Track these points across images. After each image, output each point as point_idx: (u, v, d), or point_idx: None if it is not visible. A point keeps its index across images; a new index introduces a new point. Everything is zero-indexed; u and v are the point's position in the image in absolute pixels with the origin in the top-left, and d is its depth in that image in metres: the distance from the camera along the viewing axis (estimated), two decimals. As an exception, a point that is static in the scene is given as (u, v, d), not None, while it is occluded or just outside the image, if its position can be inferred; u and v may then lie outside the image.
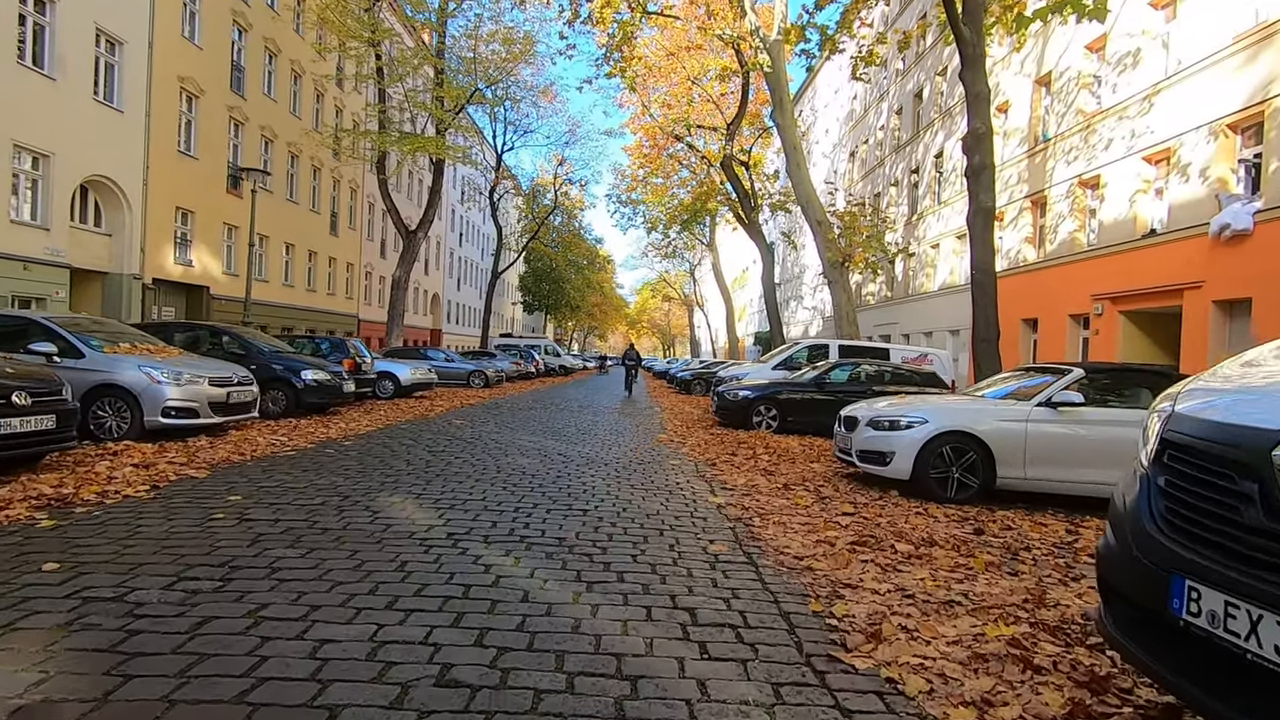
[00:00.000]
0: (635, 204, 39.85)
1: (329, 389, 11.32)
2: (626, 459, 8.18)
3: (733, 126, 26.96)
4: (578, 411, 14.82)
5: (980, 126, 12.71)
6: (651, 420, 13.62)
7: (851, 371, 12.60)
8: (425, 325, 42.89)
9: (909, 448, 6.57)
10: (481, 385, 22.56)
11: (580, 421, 12.59)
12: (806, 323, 42.90)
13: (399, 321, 25.07)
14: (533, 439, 9.61)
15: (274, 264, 25.85)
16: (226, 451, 7.22)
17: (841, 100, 39.43)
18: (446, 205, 45.67)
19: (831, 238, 20.09)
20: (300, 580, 3.40)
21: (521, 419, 12.62)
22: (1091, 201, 18.28)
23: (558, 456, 8.05)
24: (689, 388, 25.10)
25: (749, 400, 12.05)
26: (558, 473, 6.95)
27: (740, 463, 8.20)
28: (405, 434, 9.60)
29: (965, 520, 5.71)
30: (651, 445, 9.67)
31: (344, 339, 14.05)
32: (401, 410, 13.21)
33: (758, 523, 5.18)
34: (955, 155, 25.44)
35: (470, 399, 17.41)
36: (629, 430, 11.56)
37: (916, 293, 28.19)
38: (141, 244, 19.49)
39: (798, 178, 20.30)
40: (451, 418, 12.25)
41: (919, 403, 7.20)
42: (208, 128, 21.85)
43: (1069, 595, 3.85)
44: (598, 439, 10.02)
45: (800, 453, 9.51)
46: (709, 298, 64.25)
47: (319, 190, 29.15)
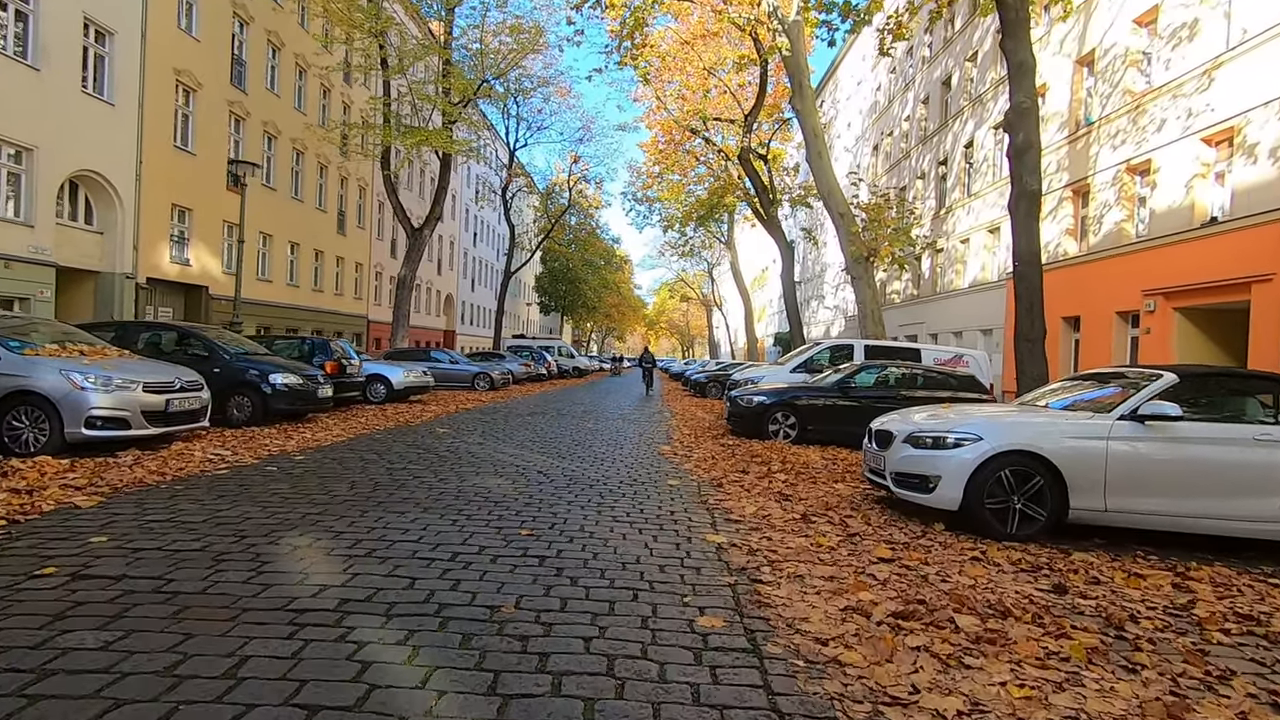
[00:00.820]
0: (651, 202, 38.70)
1: (301, 394, 10.25)
2: (618, 478, 6.96)
3: (750, 118, 25.67)
4: (580, 418, 13.64)
5: (1024, 100, 11.31)
6: (658, 428, 12.39)
7: (879, 374, 11.26)
8: (438, 326, 42.05)
9: (959, 471, 5.27)
10: (486, 388, 21.49)
11: (579, 430, 11.40)
12: (828, 323, 41.36)
13: (404, 322, 24.12)
14: (516, 452, 8.44)
15: (278, 263, 25.03)
16: (145, 471, 6.13)
17: (864, 92, 37.87)
18: (460, 204, 44.86)
19: (855, 230, 18.74)
20: (64, 698, 2.24)
21: (514, 427, 11.46)
22: (1141, 189, 16.71)
23: (537, 476, 6.85)
24: (704, 390, 23.82)
25: (764, 407, 10.77)
26: (529, 498, 5.76)
27: (751, 483, 6.93)
28: (373, 446, 8.47)
29: (1037, 570, 4.40)
30: (652, 459, 8.44)
31: (328, 340, 13.01)
32: (386, 417, 12.13)
33: (767, 575, 3.93)
34: (987, 145, 23.91)
35: (469, 403, 16.32)
36: (630, 440, 10.35)
37: (945, 290, 26.62)
38: (135, 242, 18.68)
39: (819, 167, 18.96)
40: (437, 425, 11.13)
41: (968, 415, 5.88)
42: (206, 123, 21.05)
43: (1225, 714, 2.56)
44: (592, 452, 8.81)
45: (822, 469, 8.22)
46: (728, 298, 62.81)
47: (325, 188, 28.33)
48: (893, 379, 11.14)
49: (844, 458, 9.34)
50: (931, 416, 6.03)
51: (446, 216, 42.68)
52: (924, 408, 7.01)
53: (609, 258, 58.85)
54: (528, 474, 6.90)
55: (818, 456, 9.27)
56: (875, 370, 11.29)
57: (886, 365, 11.47)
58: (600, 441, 9.91)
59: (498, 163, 38.63)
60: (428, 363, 21.41)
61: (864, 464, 6.55)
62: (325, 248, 28.33)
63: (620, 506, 5.61)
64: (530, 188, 39.62)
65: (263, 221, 23.96)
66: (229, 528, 4.42)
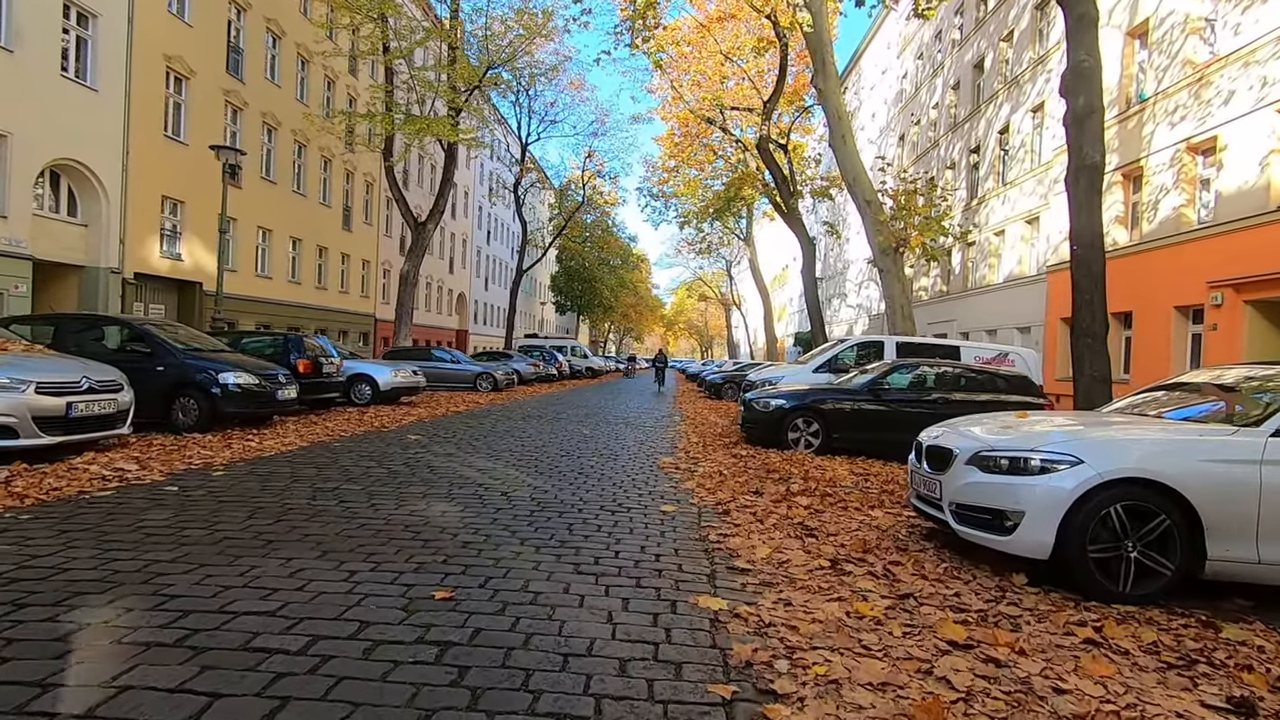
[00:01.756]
0: (667, 198, 37.30)
1: (257, 396, 9.01)
2: (599, 503, 5.58)
3: (770, 105, 24.13)
4: (578, 422, 12.28)
5: (1085, 59, 9.74)
6: (663, 434, 10.98)
7: (915, 374, 9.76)
8: (451, 326, 41.00)
9: (1050, 507, 3.81)
10: (489, 389, 20.24)
11: (572, 437, 10.03)
12: (850, 321, 39.60)
13: (407, 319, 23.00)
14: (487, 466, 7.09)
15: (278, 259, 24.01)
16: (5, 493, 4.87)
17: (889, 81, 36.11)
18: (473, 201, 43.81)
19: (883, 219, 17.17)
20: None
21: (500, 433, 10.13)
22: (1204, 169, 14.97)
23: (497, 500, 5.49)
24: (719, 392, 22.36)
25: (783, 412, 9.32)
26: (473, 535, 4.39)
27: (766, 509, 5.51)
28: (317, 458, 7.17)
29: (1189, 663, 2.94)
30: (648, 475, 7.04)
31: (302, 336, 11.80)
32: (360, 421, 10.85)
33: (783, 682, 2.53)
34: (1024, 129, 22.16)
35: (464, 405, 15.05)
36: (628, 450, 8.96)
37: (977, 286, 24.86)
38: (121, 235, 17.71)
39: (843, 152, 17.42)
40: (413, 431, 9.84)
41: (1056, 428, 4.41)
42: (200, 112, 20.05)
43: None
44: (578, 465, 7.44)
45: (853, 488, 6.76)
46: (746, 297, 61.15)
47: (330, 183, 27.30)
48: (931, 380, 9.63)
49: (877, 473, 7.87)
50: (1003, 429, 4.55)
51: (459, 214, 41.67)
52: (982, 417, 5.53)
53: (625, 256, 57.50)
54: (487, 497, 5.54)
55: (846, 471, 7.81)
56: (911, 370, 9.78)
57: (923, 364, 9.96)
58: (592, 451, 8.53)
59: (510, 158, 37.50)
60: (428, 362, 20.24)
61: (910, 487, 5.10)
62: (330, 244, 27.31)
63: (590, 548, 4.22)
64: (543, 183, 38.38)
65: (262, 216, 22.97)
66: (19, 587, 3.11)
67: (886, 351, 11.93)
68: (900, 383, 9.55)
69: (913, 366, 9.85)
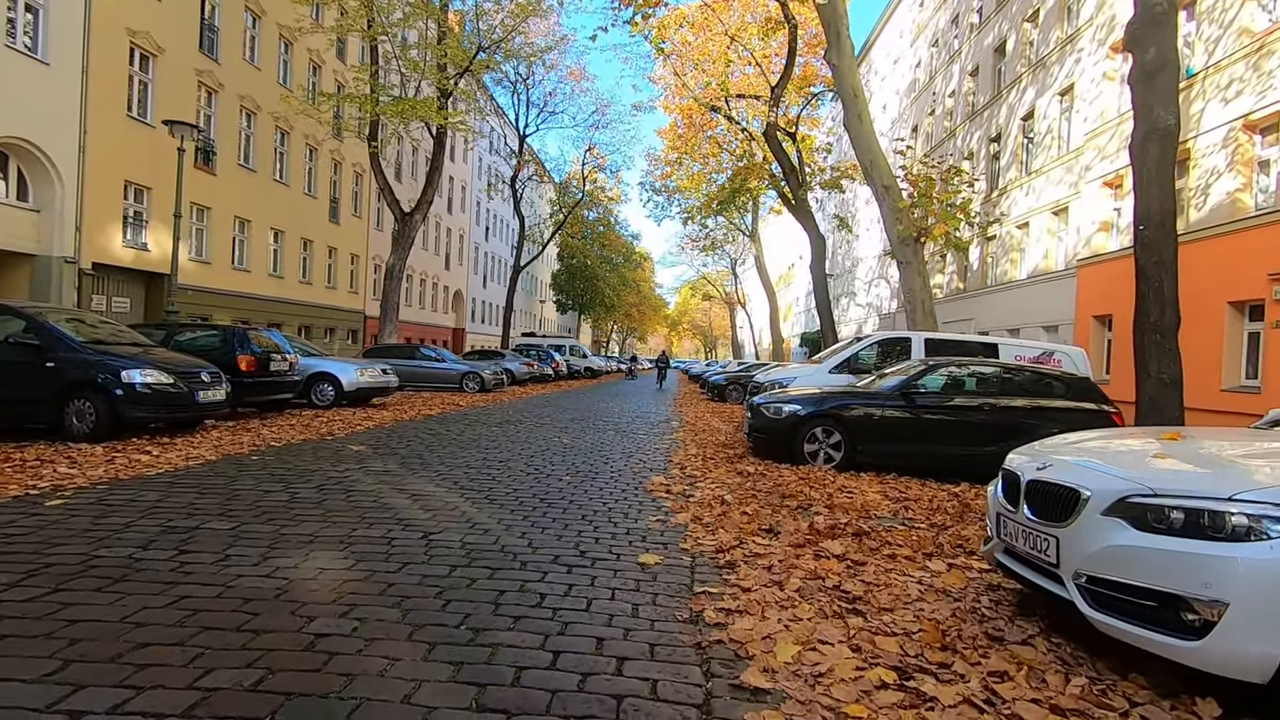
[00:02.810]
0: (670, 193, 35.76)
1: (171, 398, 7.50)
2: (555, 549, 4.03)
3: (777, 91, 22.58)
4: (561, 429, 10.73)
5: (1158, 3, 8.18)
6: (656, 444, 9.42)
7: (954, 376, 8.19)
8: (447, 324, 39.50)
9: (1274, 595, 2.27)
10: (476, 390, 18.72)
11: (548, 448, 8.49)
12: (860, 321, 37.95)
13: (392, 315, 21.52)
14: (426, 489, 5.55)
15: (257, 252, 22.55)
16: None
17: (902, 70, 34.47)
18: (471, 196, 42.34)
19: (903, 206, 15.60)
20: None
21: (464, 441, 8.60)
22: (1263, 150, 13.36)
23: (412, 546, 3.94)
24: (722, 394, 20.79)
25: (798, 419, 7.75)
26: (330, 624, 2.81)
27: (785, 561, 3.95)
28: (211, 480, 5.62)
29: None
30: (632, 502, 5.49)
31: (248, 330, 10.29)
32: (308, 426, 9.32)
33: None
34: (1051, 114, 20.54)
35: (442, 407, 13.52)
36: (612, 465, 7.41)
37: (998, 282, 23.23)
38: (78, 222, 16.26)
39: (859, 133, 15.85)
40: (360, 440, 8.30)
41: (1257, 459, 2.85)
42: (170, 92, 18.58)
43: None
44: (544, 488, 5.90)
45: (896, 522, 5.21)
46: (752, 297, 59.54)
47: (315, 172, 25.84)
48: (974, 382, 8.06)
49: (916, 496, 6.31)
50: (1159, 457, 2.99)
51: (455, 208, 40.21)
52: (1096, 435, 3.96)
53: (628, 254, 55.94)
54: (400, 543, 3.99)
55: (878, 495, 6.25)
56: (950, 370, 8.20)
57: (965, 364, 8.39)
58: (568, 467, 6.98)
59: (507, 150, 36.06)
60: (410, 361, 18.78)
61: (991, 534, 3.53)
62: (315, 237, 25.84)
63: (515, 648, 2.65)
64: (542, 175, 36.86)
65: (239, 205, 21.52)
66: None
67: (914, 350, 10.36)
68: (937, 385, 7.98)
69: (952, 367, 8.27)
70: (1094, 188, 18.12)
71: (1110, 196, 17.87)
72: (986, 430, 7.47)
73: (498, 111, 35.58)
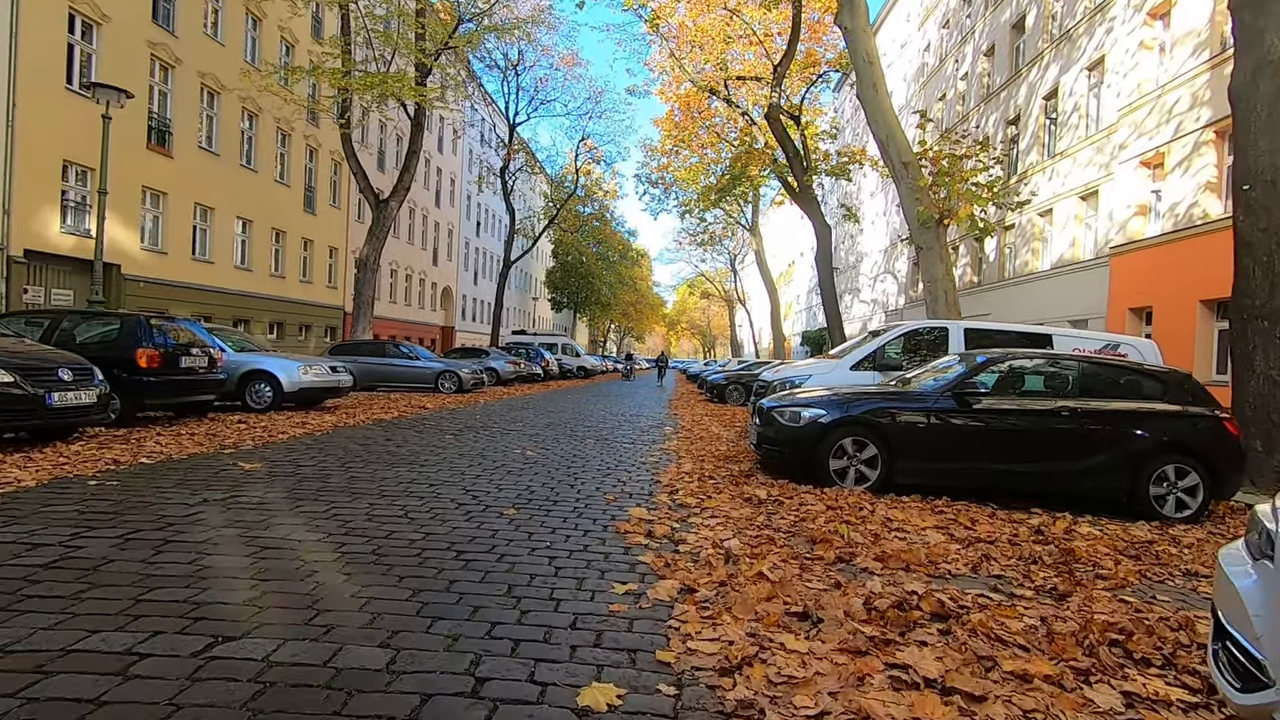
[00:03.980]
0: (668, 186, 34.01)
1: (13, 402, 5.76)
2: (426, 673, 2.30)
3: (780, 69, 20.88)
4: (531, 437, 8.98)
5: (1274, -100, 6.45)
6: (644, 458, 7.66)
7: (1015, 372, 6.46)
8: (435, 322, 37.72)
9: None
10: (453, 390, 16.98)
11: (504, 463, 6.73)
12: (864, 318, 36.21)
13: (366, 310, 19.76)
14: (288, 540, 3.80)
15: (221, 242, 20.79)
16: None
17: (909, 55, 32.75)
18: (460, 189, 40.55)
19: (924, 184, 13.89)
20: None
21: (400, 456, 6.85)
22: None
23: (157, 688, 2.22)
24: (722, 394, 19.04)
25: (823, 428, 6.02)
26: None
27: (837, 687, 2.22)
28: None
29: None
30: (591, 559, 3.71)
31: (154, 318, 8.53)
32: (210, 436, 7.53)
33: None
34: (1078, 90, 18.82)
35: (402, 410, 11.77)
36: (581, 490, 5.66)
37: (1017, 274, 21.51)
38: (6, 205, 14.52)
39: (874, 104, 14.13)
40: (266, 455, 6.54)
41: None
42: (117, 66, 16.80)
43: None
44: (466, 535, 4.13)
45: (988, 591, 3.47)
46: (751, 295, 57.77)
47: (288, 159, 24.08)
48: (1045, 380, 6.34)
49: (990, 533, 4.58)
50: None
51: (444, 201, 38.46)
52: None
53: (624, 251, 54.16)
54: (146, 672, 2.27)
55: (940, 534, 4.53)
56: (1016, 365, 6.47)
57: (1032, 357, 6.66)
58: (516, 495, 5.23)
59: (497, 140, 34.34)
60: (381, 359, 17.05)
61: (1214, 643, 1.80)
62: (288, 227, 24.08)
63: None
64: (533, 166, 35.09)
65: (201, 191, 19.77)
66: None
67: (952, 341, 8.62)
68: (999, 385, 6.25)
69: (1017, 360, 6.54)
70: (1129, 168, 16.40)
71: (1148, 178, 16.15)
72: (1069, 442, 5.76)
73: (487, 100, 33.84)
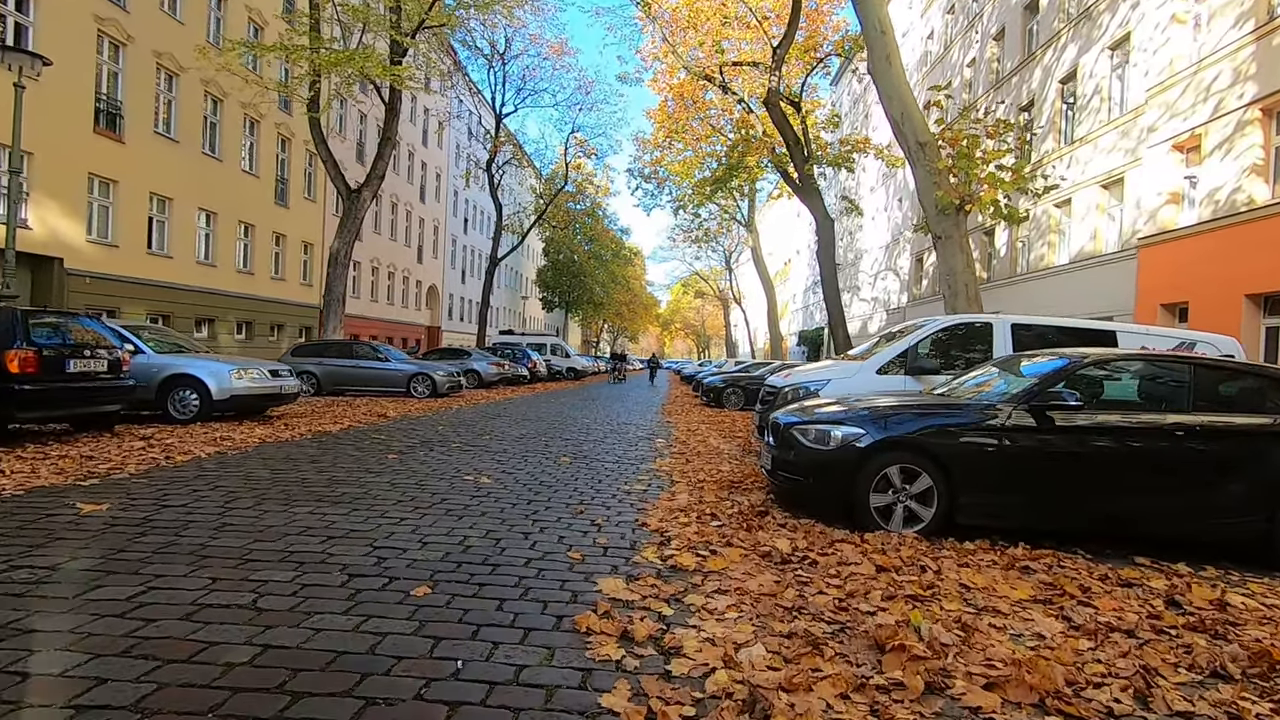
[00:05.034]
0: (661, 181, 32.54)
1: None
2: None
3: (780, 51, 19.46)
4: (494, 456, 7.47)
5: None
6: (629, 486, 6.16)
7: (1110, 378, 5.01)
8: (420, 322, 36.11)
9: None
10: (426, 394, 15.46)
11: (441, 504, 5.17)
12: (864, 318, 34.80)
13: (337, 307, 18.21)
14: (44, 662, 2.33)
15: (181, 235, 19.20)
16: None
17: (912, 43, 31.37)
18: (447, 184, 38.95)
19: (943, 166, 12.46)
20: None
21: (307, 492, 5.31)
22: None
23: None
24: (720, 398, 17.55)
25: (861, 453, 4.53)
26: None
27: None
28: None
29: None
30: (527, 703, 2.26)
31: (32, 312, 7.00)
32: (81, 460, 5.97)
33: None
34: (1098, 73, 17.43)
35: (357, 419, 10.24)
36: (535, 543, 4.16)
37: (1031, 270, 20.13)
38: (-79, 189, 12.93)
39: (888, 79, 12.69)
40: (129, 490, 5.02)
41: None
42: (58, 40, 15.19)
43: None
44: (317, 668, 2.65)
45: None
46: (747, 294, 56.33)
47: (257, 148, 22.49)
48: (1146, 389, 4.89)
49: (1118, 609, 3.11)
50: None
51: (429, 197, 36.87)
52: None
53: (617, 250, 52.61)
54: None
55: (1047, 612, 3.07)
56: (1111, 370, 5.02)
57: (1131, 360, 5.19)
58: (440, 556, 3.73)
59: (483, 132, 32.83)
60: (347, 360, 15.53)
61: None
62: (257, 221, 22.48)
63: None
64: (520, 158, 33.53)
65: (157, 180, 18.18)
66: None
67: (997, 339, 7.16)
68: (1092, 394, 4.79)
69: (1114, 363, 5.07)
70: (1159, 153, 15.01)
71: (1180, 162, 14.76)
72: (1189, 469, 4.33)
73: (473, 90, 32.31)
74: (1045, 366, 4.92)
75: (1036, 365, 5.07)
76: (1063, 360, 4.89)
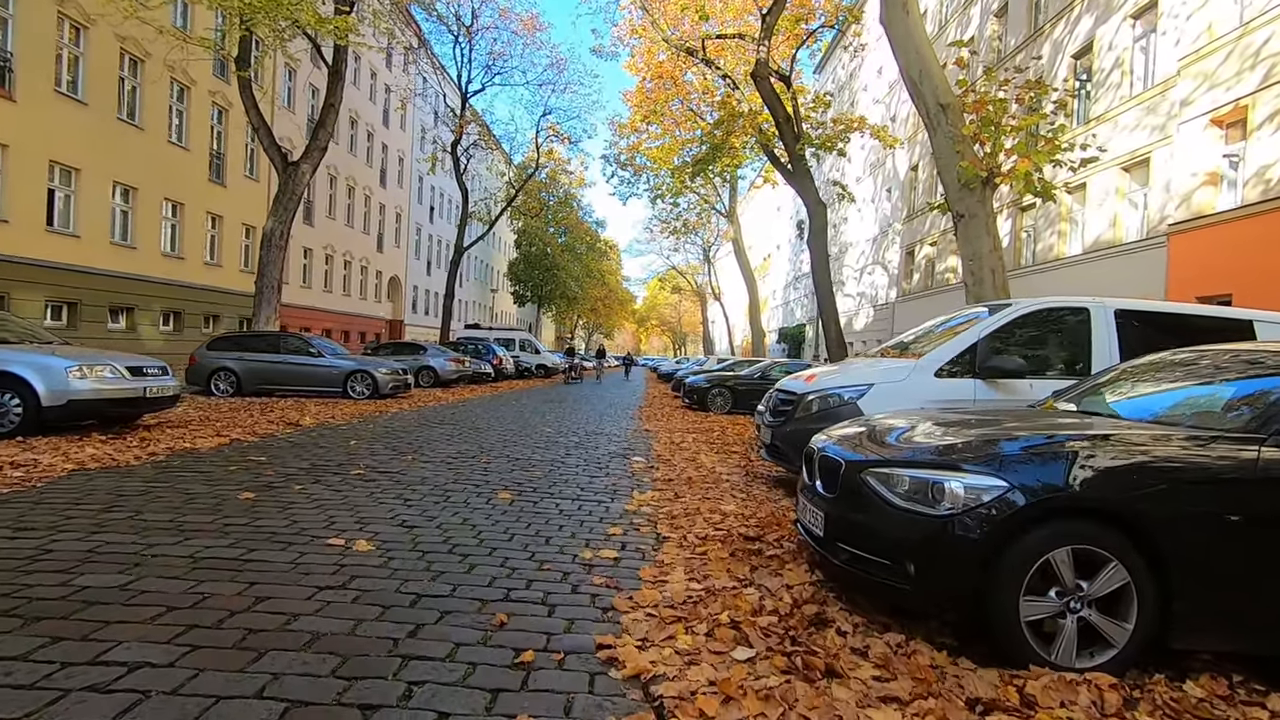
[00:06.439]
0: (639, 169, 30.43)
1: None
2: None
3: (770, 18, 17.49)
4: (407, 486, 5.33)
5: None
6: (591, 552, 4.09)
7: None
8: (381, 315, 33.53)
9: None
10: (366, 395, 13.18)
11: (243, 626, 3.07)
12: (850, 313, 33.08)
13: (270, 295, 15.83)
14: None
15: (91, 212, 16.59)
16: None
17: (901, 27, 29.57)
18: (410, 168, 36.34)
19: (968, 132, 10.57)
20: None
21: (11, 596, 3.16)
22: None
23: None
24: (704, 400, 15.49)
25: (1003, 525, 2.50)
26: None
27: None
28: None
29: None
30: None
31: None
32: None
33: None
34: (1119, 44, 15.73)
35: (251, 432, 7.98)
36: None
37: (1041, 260, 18.44)
38: None
39: (903, 31, 10.76)
40: None
41: None
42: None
43: None
44: None
45: None
46: (726, 289, 54.47)
47: (187, 116, 19.87)
48: None
49: None
50: None
51: (390, 181, 34.28)
52: None
53: (592, 243, 50.35)
54: None
55: None
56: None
57: None
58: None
59: (449, 112, 30.40)
60: (273, 355, 13.20)
61: None
62: (187, 199, 19.87)
63: None
64: (487, 140, 31.14)
65: (59, 147, 15.57)
66: None
67: (1096, 330, 5.21)
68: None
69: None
70: (1195, 129, 13.31)
71: (1219, 139, 13.08)
72: None
73: (437, 66, 29.84)
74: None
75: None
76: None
